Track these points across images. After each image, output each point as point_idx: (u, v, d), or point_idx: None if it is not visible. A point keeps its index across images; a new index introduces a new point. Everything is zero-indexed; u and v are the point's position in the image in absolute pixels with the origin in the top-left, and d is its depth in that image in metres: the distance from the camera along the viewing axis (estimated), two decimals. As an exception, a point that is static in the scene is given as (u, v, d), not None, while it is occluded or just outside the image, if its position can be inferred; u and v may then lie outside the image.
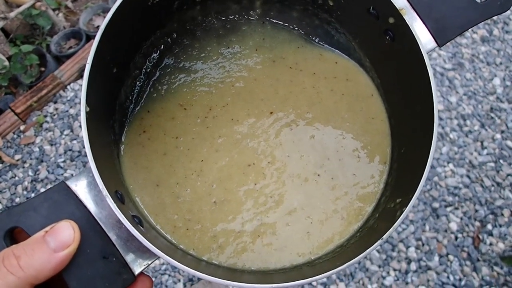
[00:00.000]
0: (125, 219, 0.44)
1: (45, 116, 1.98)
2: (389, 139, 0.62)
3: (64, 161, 1.86)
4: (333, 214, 0.58)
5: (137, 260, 0.47)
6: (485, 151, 1.86)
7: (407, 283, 1.60)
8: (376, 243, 0.46)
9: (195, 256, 0.56)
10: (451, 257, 1.64)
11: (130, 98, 0.63)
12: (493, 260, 1.64)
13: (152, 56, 0.65)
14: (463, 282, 1.59)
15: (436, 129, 0.49)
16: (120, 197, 0.51)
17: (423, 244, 1.67)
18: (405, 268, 1.62)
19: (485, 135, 1.89)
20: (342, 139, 0.63)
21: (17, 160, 1.88)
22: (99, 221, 0.46)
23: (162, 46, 0.66)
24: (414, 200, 0.48)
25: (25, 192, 1.81)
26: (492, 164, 1.83)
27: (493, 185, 1.79)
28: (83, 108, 0.46)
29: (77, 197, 0.46)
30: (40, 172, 1.85)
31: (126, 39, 0.58)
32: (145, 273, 0.49)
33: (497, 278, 1.60)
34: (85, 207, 0.46)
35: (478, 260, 1.64)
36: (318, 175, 0.60)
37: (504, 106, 1.97)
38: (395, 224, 0.47)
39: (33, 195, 1.79)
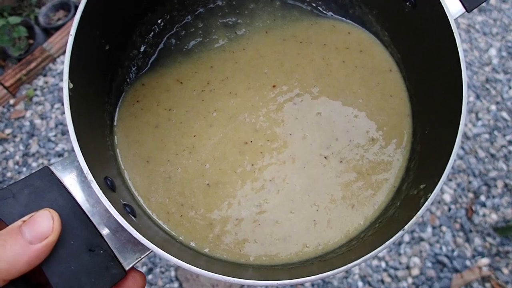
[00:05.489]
0: (111, 206, 0.40)
1: (35, 90, 1.94)
2: (410, 120, 0.57)
3: (55, 135, 1.84)
4: (342, 202, 0.54)
5: (128, 254, 0.43)
6: (479, 123, 1.85)
7: (400, 254, 1.61)
8: (397, 235, 0.42)
9: (195, 249, 0.52)
10: (444, 228, 1.65)
11: (128, 80, 0.59)
12: (485, 231, 1.65)
13: (150, 35, 0.61)
14: (455, 253, 1.61)
15: (465, 106, 0.44)
16: (110, 184, 0.47)
17: (416, 216, 1.67)
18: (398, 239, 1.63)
19: (480, 107, 1.88)
20: (354, 118, 0.57)
21: (8, 135, 1.85)
22: (85, 210, 0.42)
23: (162, 24, 0.61)
24: (440, 185, 0.43)
25: (16, 167, 1.78)
26: (487, 136, 1.83)
27: (487, 157, 1.79)
28: (65, 84, 0.42)
29: (61, 183, 0.42)
30: (31, 146, 1.82)
31: (118, 13, 0.53)
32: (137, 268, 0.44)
33: (489, 248, 1.62)
34: (70, 194, 0.42)
35: (470, 231, 1.65)
36: (325, 157, 0.55)
37: (499, 77, 1.95)
38: (418, 213, 0.42)
39: (24, 169, 1.77)
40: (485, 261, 1.59)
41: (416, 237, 1.64)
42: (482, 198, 1.71)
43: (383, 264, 1.59)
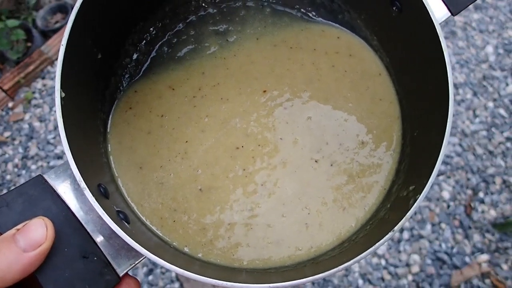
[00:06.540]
0: (105, 213, 0.40)
1: (33, 92, 1.95)
2: (400, 123, 0.57)
3: (54, 138, 1.84)
4: (333, 205, 0.54)
5: (122, 260, 0.43)
6: (477, 120, 1.85)
7: (399, 252, 1.61)
8: (387, 236, 0.42)
9: (189, 254, 0.52)
10: (443, 225, 1.65)
11: (121, 88, 0.60)
12: (484, 227, 1.65)
13: (143, 43, 0.61)
14: (455, 250, 1.61)
15: (452, 107, 0.45)
16: (104, 191, 0.47)
17: (415, 213, 1.67)
18: (398, 237, 1.63)
19: (477, 104, 1.88)
20: (344, 122, 0.57)
21: (7, 138, 1.86)
22: (78, 217, 0.43)
23: (154, 32, 0.62)
24: (429, 185, 0.44)
25: (15, 170, 1.79)
26: (484, 133, 1.83)
27: (485, 153, 1.79)
28: (57, 93, 0.42)
29: (54, 191, 0.43)
30: (30, 149, 1.83)
31: (110, 22, 0.53)
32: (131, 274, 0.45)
33: (488, 245, 1.62)
34: (64, 202, 0.43)
35: (470, 227, 1.65)
36: (316, 161, 0.56)
37: (496, 74, 1.95)
38: (407, 214, 0.43)
39: (24, 172, 1.77)
40: (484, 257, 1.59)
41: (416, 234, 1.64)
42: (481, 194, 1.71)
43: (383, 262, 1.59)
